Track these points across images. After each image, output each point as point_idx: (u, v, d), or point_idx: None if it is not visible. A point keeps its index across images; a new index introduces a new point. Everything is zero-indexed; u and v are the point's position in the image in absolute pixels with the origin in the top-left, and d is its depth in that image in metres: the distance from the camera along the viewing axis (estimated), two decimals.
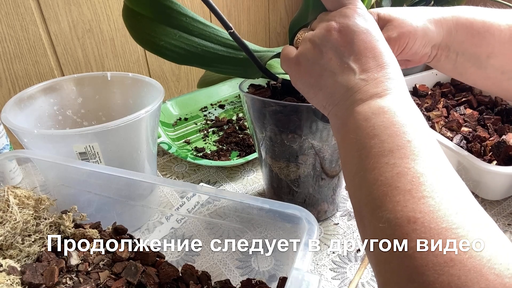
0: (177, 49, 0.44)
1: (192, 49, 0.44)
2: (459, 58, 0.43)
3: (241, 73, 0.46)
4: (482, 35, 0.41)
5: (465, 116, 0.71)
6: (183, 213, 0.47)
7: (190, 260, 0.49)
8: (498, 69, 0.43)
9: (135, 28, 0.44)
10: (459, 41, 0.42)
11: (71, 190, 0.50)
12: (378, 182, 0.27)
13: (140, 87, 0.59)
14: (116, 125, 0.46)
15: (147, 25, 0.43)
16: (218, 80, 0.54)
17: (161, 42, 0.43)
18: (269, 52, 0.46)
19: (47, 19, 0.69)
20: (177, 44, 0.43)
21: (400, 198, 0.26)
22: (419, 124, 0.30)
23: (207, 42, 0.44)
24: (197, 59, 0.45)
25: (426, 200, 0.25)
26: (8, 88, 0.70)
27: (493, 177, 0.56)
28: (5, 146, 0.64)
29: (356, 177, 0.30)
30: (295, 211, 0.37)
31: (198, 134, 0.80)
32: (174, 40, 0.43)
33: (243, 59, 0.44)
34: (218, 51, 0.45)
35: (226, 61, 0.45)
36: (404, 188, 0.26)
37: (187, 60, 0.45)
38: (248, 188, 0.65)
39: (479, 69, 0.43)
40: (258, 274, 0.46)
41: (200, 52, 0.44)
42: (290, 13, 0.99)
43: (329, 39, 0.33)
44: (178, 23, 0.43)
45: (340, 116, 0.33)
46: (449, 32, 0.41)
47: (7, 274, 0.37)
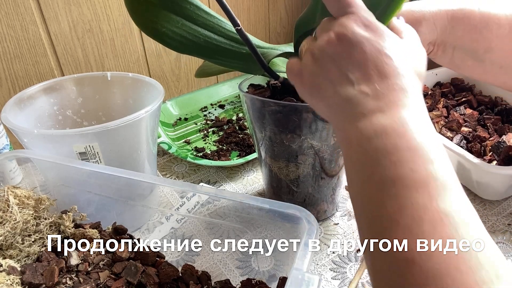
0: (179, 38, 0.43)
1: (194, 39, 0.43)
2: (455, 53, 0.42)
3: (243, 67, 0.46)
4: (480, 30, 0.40)
5: (465, 116, 0.71)
6: (183, 213, 0.47)
7: (190, 260, 0.49)
8: (497, 63, 0.42)
9: (137, 12, 0.42)
10: (456, 37, 0.41)
11: (71, 190, 0.50)
12: (379, 214, 0.26)
13: (140, 87, 0.59)
14: (116, 125, 0.46)
15: (149, 9, 0.42)
16: (217, 71, 0.53)
17: (163, 28, 0.42)
18: (273, 49, 0.46)
19: (47, 19, 0.69)
20: (179, 32, 0.42)
21: (400, 235, 0.25)
22: (428, 148, 0.27)
23: (210, 33, 0.44)
24: (199, 50, 0.44)
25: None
26: (8, 88, 0.70)
27: (493, 177, 0.56)
28: (5, 146, 0.64)
29: (358, 197, 0.29)
30: (295, 211, 0.37)
31: (198, 134, 0.80)
32: (176, 28, 0.42)
33: (246, 54, 0.44)
34: (221, 44, 0.44)
35: (229, 55, 0.44)
36: (405, 223, 0.25)
37: (188, 49, 0.44)
38: (248, 188, 0.65)
39: (476, 62, 0.42)
40: (258, 274, 0.46)
41: (203, 42, 0.43)
42: (290, 13, 0.99)
43: (327, 51, 0.32)
44: (182, 10, 0.42)
45: (342, 129, 0.32)
46: (444, 29, 0.40)
47: (7, 274, 0.37)
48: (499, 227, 0.55)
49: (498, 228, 0.55)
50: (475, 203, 0.60)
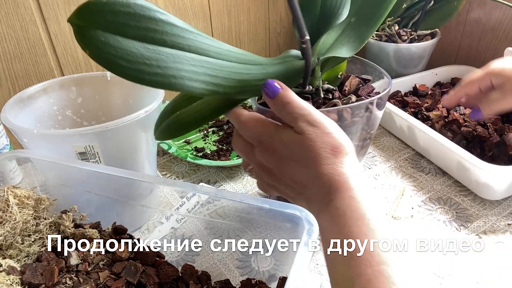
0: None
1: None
2: None
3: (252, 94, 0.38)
4: None
5: (465, 116, 0.71)
6: (183, 213, 0.47)
7: (190, 260, 0.49)
8: None
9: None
10: None
11: (71, 190, 0.50)
12: None
13: (140, 87, 0.58)
14: (116, 125, 0.46)
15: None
16: (198, 122, 0.39)
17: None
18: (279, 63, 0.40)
19: (47, 19, 0.69)
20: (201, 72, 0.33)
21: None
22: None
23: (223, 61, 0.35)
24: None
25: None
26: (8, 88, 0.70)
27: (493, 177, 0.56)
28: (5, 146, 0.64)
29: None
30: (295, 211, 0.37)
31: (198, 134, 0.80)
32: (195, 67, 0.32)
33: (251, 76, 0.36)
34: (236, 69, 0.35)
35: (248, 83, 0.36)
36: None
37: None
38: (248, 188, 0.65)
39: None
40: (258, 274, 0.46)
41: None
42: (290, 13, 0.99)
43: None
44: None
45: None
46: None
47: (7, 274, 0.37)
48: (499, 227, 0.55)
49: (498, 228, 0.55)
50: (475, 203, 0.60)
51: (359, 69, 0.55)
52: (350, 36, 0.44)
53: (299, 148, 0.33)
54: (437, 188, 0.63)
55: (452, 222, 0.56)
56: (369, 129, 0.49)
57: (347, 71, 0.53)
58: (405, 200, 0.61)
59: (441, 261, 0.50)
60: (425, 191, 0.63)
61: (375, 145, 0.74)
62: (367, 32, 0.43)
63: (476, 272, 0.49)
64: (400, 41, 0.83)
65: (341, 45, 0.44)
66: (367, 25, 0.43)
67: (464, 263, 0.50)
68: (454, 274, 0.48)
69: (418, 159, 0.70)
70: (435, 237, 0.54)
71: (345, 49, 0.43)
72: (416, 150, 0.71)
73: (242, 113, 0.37)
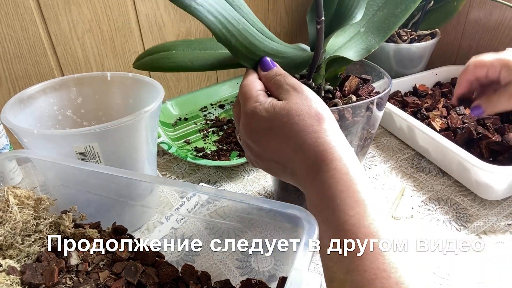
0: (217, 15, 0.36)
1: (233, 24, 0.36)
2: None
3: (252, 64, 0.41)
4: None
5: (464, 117, 0.71)
6: (183, 213, 0.47)
7: (190, 260, 0.49)
8: None
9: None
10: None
11: (71, 190, 0.50)
12: None
13: (140, 87, 0.59)
14: (116, 125, 0.46)
15: None
16: (176, 67, 0.44)
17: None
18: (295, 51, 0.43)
19: (47, 19, 0.69)
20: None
21: None
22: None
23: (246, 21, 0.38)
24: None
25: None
26: (8, 88, 0.70)
27: (493, 177, 0.56)
28: (5, 146, 0.64)
29: None
30: (295, 211, 0.37)
31: (198, 134, 0.80)
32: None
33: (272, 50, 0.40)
34: (254, 35, 0.38)
35: (260, 50, 0.39)
36: None
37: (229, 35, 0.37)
38: (248, 188, 0.65)
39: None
40: (258, 274, 0.46)
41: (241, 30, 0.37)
42: (290, 13, 0.99)
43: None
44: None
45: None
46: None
47: (7, 274, 0.37)
48: (499, 227, 0.55)
49: (498, 228, 0.55)
50: (475, 203, 0.60)
51: (359, 69, 0.55)
52: (358, 43, 0.45)
53: (281, 116, 0.34)
54: (437, 188, 0.63)
55: (452, 222, 0.56)
56: (370, 129, 0.49)
57: (347, 71, 0.53)
58: (405, 200, 0.61)
59: (441, 261, 0.50)
60: (425, 191, 0.63)
61: (375, 145, 0.74)
62: (374, 43, 0.44)
63: (476, 272, 0.49)
64: (400, 41, 0.83)
65: (349, 49, 0.45)
66: (376, 36, 0.44)
67: (464, 263, 0.50)
68: (454, 274, 0.48)
69: (418, 159, 0.70)
70: (435, 237, 0.54)
71: (352, 53, 0.44)
72: (416, 150, 0.72)
73: (250, 72, 0.39)
